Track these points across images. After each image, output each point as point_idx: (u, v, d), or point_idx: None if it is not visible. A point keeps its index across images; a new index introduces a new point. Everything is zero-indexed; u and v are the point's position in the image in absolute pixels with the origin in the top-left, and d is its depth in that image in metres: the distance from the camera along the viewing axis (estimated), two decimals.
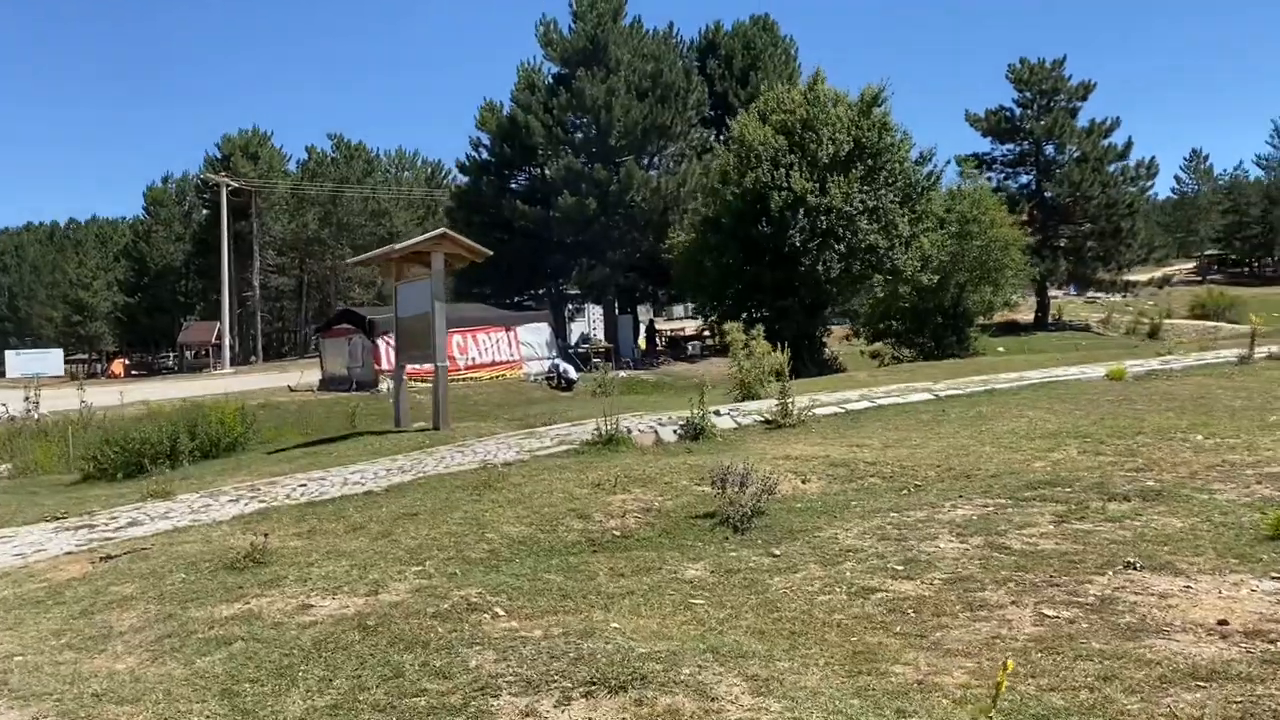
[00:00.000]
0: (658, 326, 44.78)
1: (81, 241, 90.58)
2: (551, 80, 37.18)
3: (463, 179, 41.18)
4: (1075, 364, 17.11)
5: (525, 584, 5.60)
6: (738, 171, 22.87)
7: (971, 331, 26.55)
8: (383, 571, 5.94)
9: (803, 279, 22.29)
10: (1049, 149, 46.57)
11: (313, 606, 5.42)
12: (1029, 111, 46.57)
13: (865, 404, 11.94)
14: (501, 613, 5.13)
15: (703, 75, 38.14)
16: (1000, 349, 29.30)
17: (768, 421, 10.87)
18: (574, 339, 38.97)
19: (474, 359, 30.84)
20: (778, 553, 6.04)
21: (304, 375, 32.49)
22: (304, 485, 9.26)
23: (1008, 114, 46.69)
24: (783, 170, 21.73)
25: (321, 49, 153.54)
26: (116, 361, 66.96)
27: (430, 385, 28.53)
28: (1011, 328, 40.29)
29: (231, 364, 58.00)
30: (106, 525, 8.27)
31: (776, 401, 11.00)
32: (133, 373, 64.18)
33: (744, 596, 5.23)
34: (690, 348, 38.90)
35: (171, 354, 77.03)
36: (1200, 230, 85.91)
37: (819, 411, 11.26)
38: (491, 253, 13.89)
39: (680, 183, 34.57)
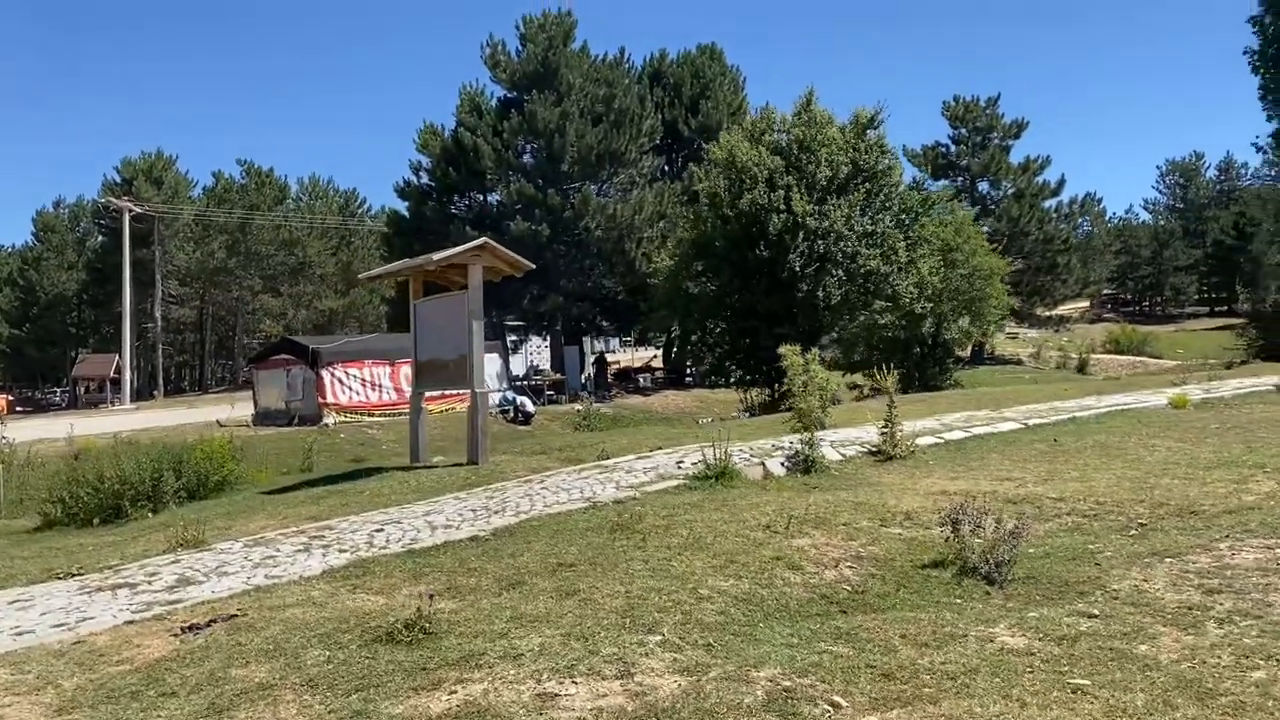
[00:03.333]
0: (610, 359, 43.62)
1: None
2: (499, 103, 35.91)
3: (400, 204, 39.42)
4: (1097, 394, 16.80)
5: (821, 658, 4.38)
6: (729, 194, 22.02)
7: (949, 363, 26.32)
8: (614, 643, 4.63)
9: (800, 305, 21.55)
10: (984, 185, 47.53)
11: (559, 696, 4.07)
12: (964, 148, 47.49)
13: (959, 434, 11.08)
14: (843, 703, 3.87)
15: (651, 103, 37.45)
16: (960, 382, 29.11)
17: (874, 452, 9.89)
18: (518, 371, 37.46)
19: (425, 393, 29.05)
20: (1095, 612, 4.95)
21: (234, 409, 30.07)
22: (380, 530, 7.82)
23: (944, 150, 47.52)
24: (780, 192, 20.99)
25: (231, 69, 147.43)
26: (0, 397, 61.97)
27: (438, 413, 27.50)
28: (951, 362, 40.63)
29: (132, 400, 54.19)
30: (149, 584, 6.68)
31: (879, 431, 10.02)
32: (17, 409, 59.42)
33: (1130, 674, 4.10)
34: (642, 379, 37.83)
35: (59, 389, 72.07)
36: (1095, 270, 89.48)
37: (920, 442, 10.32)
38: (534, 265, 12.55)
39: (635, 210, 33.66)
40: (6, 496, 14.83)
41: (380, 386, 28.04)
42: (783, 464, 9.38)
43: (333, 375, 26.94)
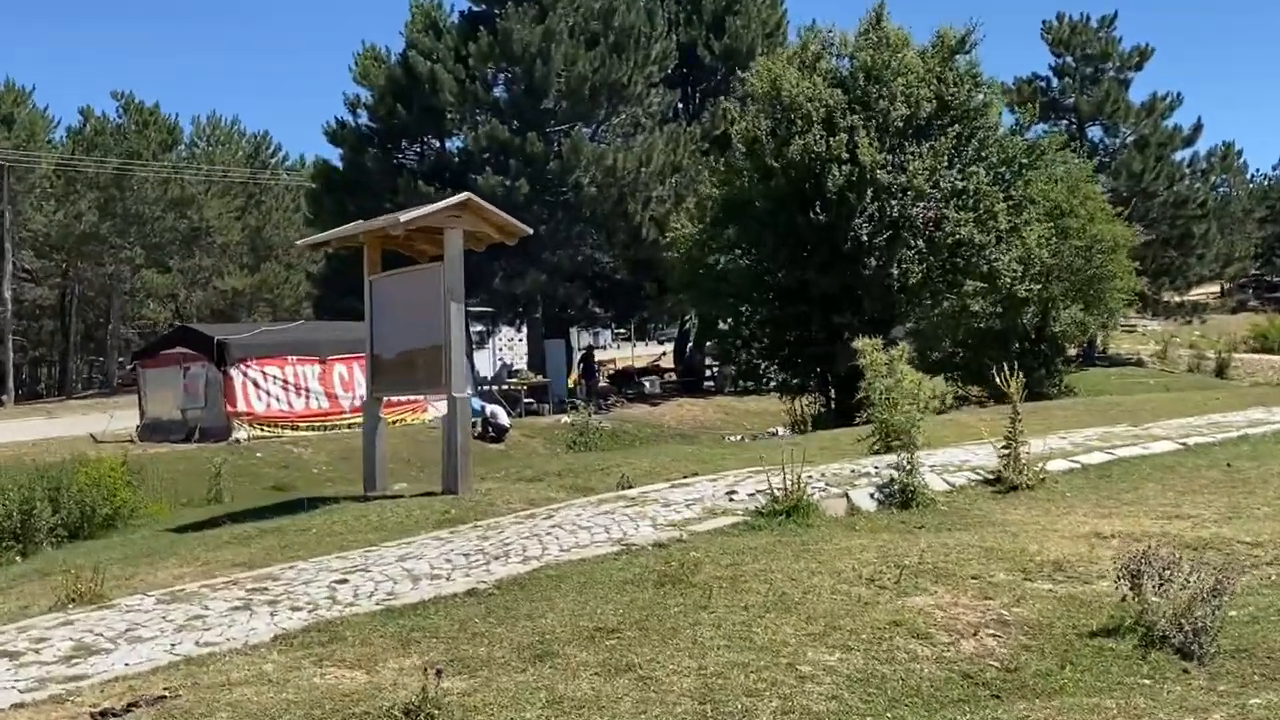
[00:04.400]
0: (597, 356, 43.46)
1: None
2: (463, 19, 35.63)
3: (331, 152, 39.21)
4: (1261, 405, 16.85)
5: None
6: (774, 138, 21.82)
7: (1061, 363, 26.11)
8: None
9: (867, 285, 21.36)
10: (1095, 130, 47.34)
11: None
12: (1070, 81, 47.22)
13: (1100, 455, 10.99)
14: None
15: (663, 20, 37.25)
16: (1073, 388, 29.00)
17: (990, 480, 9.79)
18: (485, 371, 37.29)
19: (362, 397, 28.85)
20: None
21: (113, 420, 29.84)
22: (343, 581, 7.71)
23: (1042, 84, 47.26)
24: (842, 136, 20.79)
25: None
26: None
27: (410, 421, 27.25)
28: (1061, 362, 40.42)
29: None
30: (38, 654, 6.52)
31: (998, 453, 9.89)
32: None
33: None
34: (648, 384, 37.67)
35: None
36: (1238, 244, 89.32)
37: (1049, 467, 10.22)
38: (530, 230, 12.40)
39: (641, 160, 33.44)
40: None
41: (307, 391, 27.85)
42: (872, 495, 9.27)
43: (245, 376, 26.72)
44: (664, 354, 48.59)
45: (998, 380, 10.81)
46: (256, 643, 6.28)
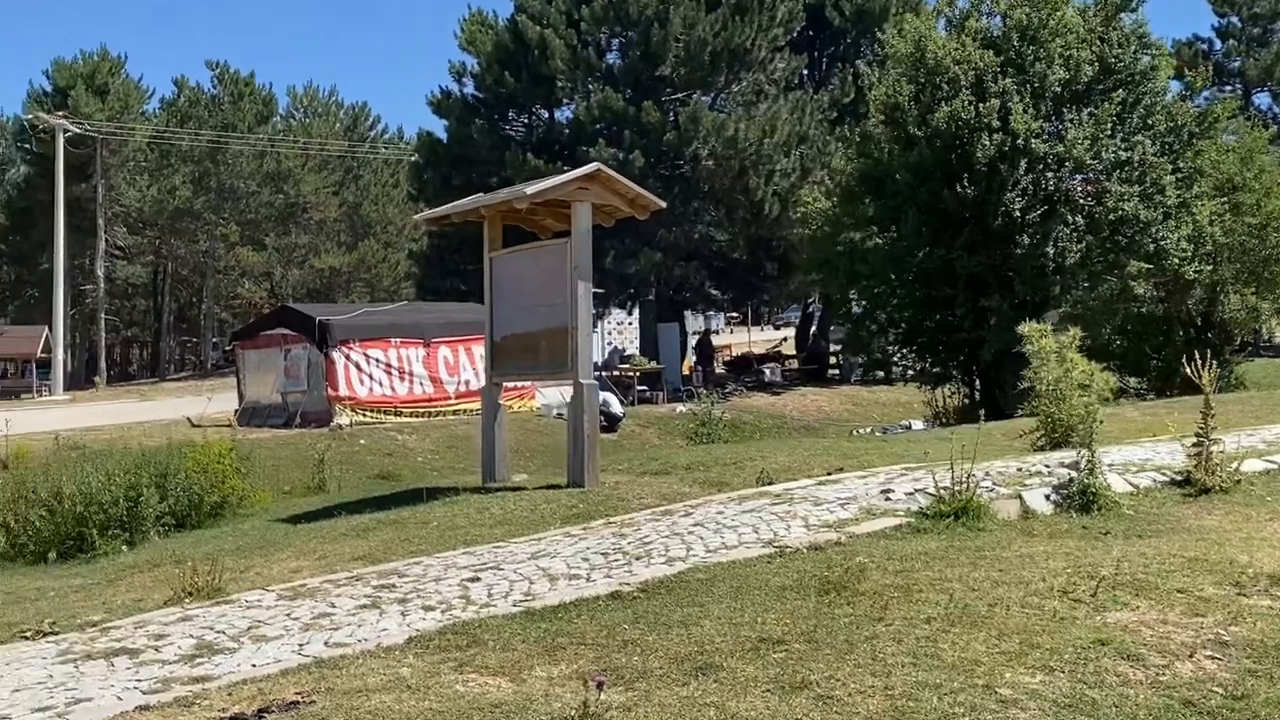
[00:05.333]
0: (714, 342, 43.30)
1: None
2: None
3: (436, 124, 39.70)
4: None
5: None
6: (917, 105, 21.39)
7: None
8: None
9: (1019, 266, 20.87)
10: (1262, 98, 45.70)
11: None
12: (1235, 44, 45.66)
13: None
14: None
15: None
16: (1243, 381, 27.94)
17: (1177, 481, 9.38)
18: (598, 356, 37.36)
19: (467, 382, 29.17)
20: None
21: (211, 403, 30.49)
22: (474, 579, 7.65)
23: (1204, 47, 45.77)
24: (994, 101, 20.30)
25: None
26: None
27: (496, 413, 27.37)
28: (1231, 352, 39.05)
29: (64, 388, 55.75)
30: (158, 652, 6.55)
31: (1186, 452, 9.48)
32: None
33: None
34: (768, 371, 37.40)
35: None
36: None
37: (1244, 468, 9.74)
38: (663, 204, 12.26)
39: (764, 130, 33.14)
40: None
41: (411, 375, 28.12)
42: (1047, 497, 8.92)
43: (348, 359, 27.06)
44: (784, 340, 48.28)
45: (1187, 371, 10.29)
46: (390, 645, 6.22)
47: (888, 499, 9.24)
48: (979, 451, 12.33)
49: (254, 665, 6.08)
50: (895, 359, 24.28)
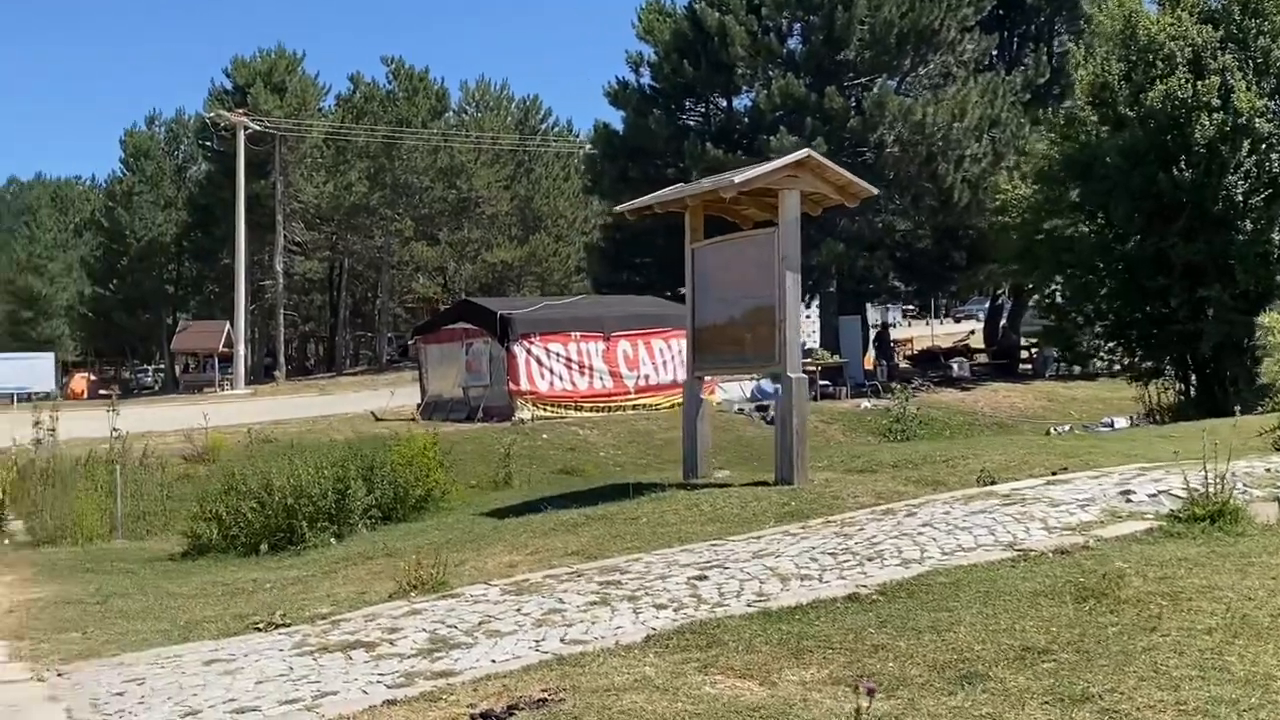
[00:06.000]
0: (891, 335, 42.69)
1: (31, 208, 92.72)
2: None
3: (613, 115, 39.98)
4: None
5: None
6: (1128, 85, 20.68)
7: None
8: None
9: (1240, 254, 20.03)
10: None
11: None
12: None
13: None
14: None
15: None
16: None
17: None
18: None
19: (647, 377, 29.25)
20: None
21: (392, 397, 31.27)
22: (701, 578, 7.64)
23: None
24: (1214, 79, 19.52)
25: None
26: (78, 376, 67.87)
27: (666, 408, 27.62)
28: None
29: (246, 383, 57.89)
30: (393, 645, 6.70)
31: None
32: (101, 392, 64.90)
33: None
34: (955, 366, 36.66)
35: (150, 367, 78.32)
36: None
37: None
38: (876, 190, 12.06)
39: (954, 114, 32.45)
40: (124, 509, 15.76)
41: (591, 369, 28.32)
42: None
43: (529, 353, 27.38)
44: (971, 333, 47.29)
45: None
46: (628, 643, 6.22)
47: (1129, 500, 8.89)
48: (1215, 451, 11.85)
49: (493, 661, 6.16)
50: (1101, 352, 23.52)
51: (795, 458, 11.09)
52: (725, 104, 37.04)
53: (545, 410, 27.10)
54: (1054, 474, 10.79)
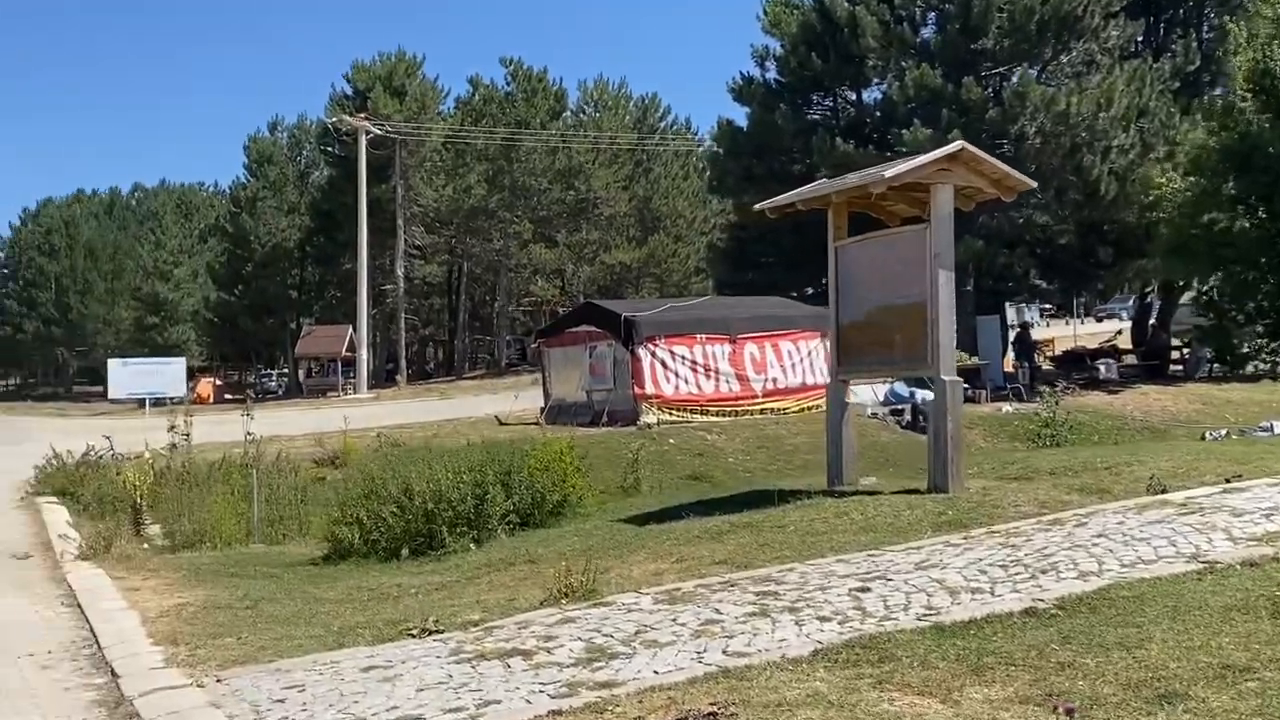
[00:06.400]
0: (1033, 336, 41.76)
1: (155, 214, 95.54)
2: None
3: (737, 112, 39.87)
4: None
5: None
6: None
7: None
8: None
9: None
10: None
11: None
12: None
13: None
14: None
15: None
16: None
17: None
18: None
19: (774, 380, 29.06)
20: None
21: (515, 401, 31.53)
22: (864, 589, 7.51)
23: None
24: None
25: None
26: (204, 381, 69.87)
27: (795, 411, 27.54)
28: None
29: (368, 386, 58.87)
30: (549, 653, 6.72)
31: None
32: (226, 397, 66.69)
33: None
34: (1102, 368, 35.74)
35: (274, 371, 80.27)
36: None
37: None
38: (1033, 183, 11.81)
39: (1099, 103, 31.64)
40: (259, 513, 16.05)
41: (717, 372, 28.20)
42: None
43: (654, 356, 27.36)
44: (1118, 333, 46.15)
45: None
46: (794, 656, 6.12)
47: None
48: None
49: (655, 672, 6.10)
50: (1264, 353, 22.74)
51: (950, 464, 10.88)
52: (855, 97, 36.67)
53: (670, 414, 27.04)
54: (1228, 481, 10.46)
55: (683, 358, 27.87)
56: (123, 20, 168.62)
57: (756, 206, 12.81)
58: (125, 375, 29.50)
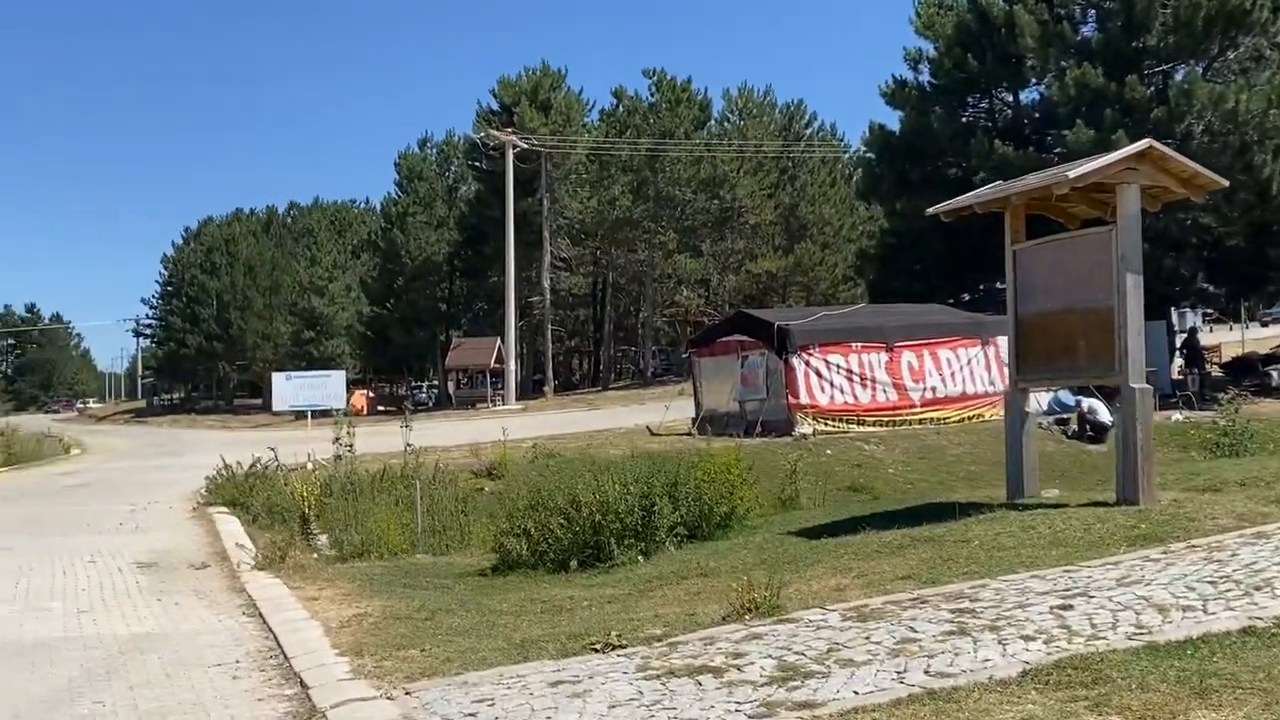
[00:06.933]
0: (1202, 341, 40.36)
1: (310, 231, 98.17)
2: None
3: (889, 115, 39.37)
4: None
5: None
6: None
7: None
8: None
9: None
10: None
11: None
12: None
13: None
14: None
15: None
16: None
17: None
18: None
19: (933, 389, 28.57)
20: None
21: (667, 411, 31.50)
22: (1065, 606, 7.23)
23: None
24: None
25: None
26: (358, 394, 71.34)
27: (954, 421, 27.13)
28: None
29: (516, 398, 59.52)
30: (740, 671, 6.52)
31: None
32: (379, 409, 68.07)
33: None
34: (1275, 374, 34.37)
35: (424, 384, 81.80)
36: None
37: None
38: (1226, 182, 11.34)
39: (1271, 99, 30.42)
40: (421, 523, 16.21)
41: (874, 382, 27.83)
42: None
43: (808, 365, 27.13)
44: None
45: None
46: (1003, 678, 5.86)
47: None
48: None
49: (855, 693, 5.90)
50: None
51: (1140, 475, 10.46)
52: (1012, 98, 35.99)
53: (826, 424, 26.79)
54: None
55: (838, 367, 27.57)
56: (275, 46, 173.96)
57: (929, 211, 12.48)
58: (288, 388, 30.24)
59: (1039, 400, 28.77)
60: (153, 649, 8.82)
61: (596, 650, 7.36)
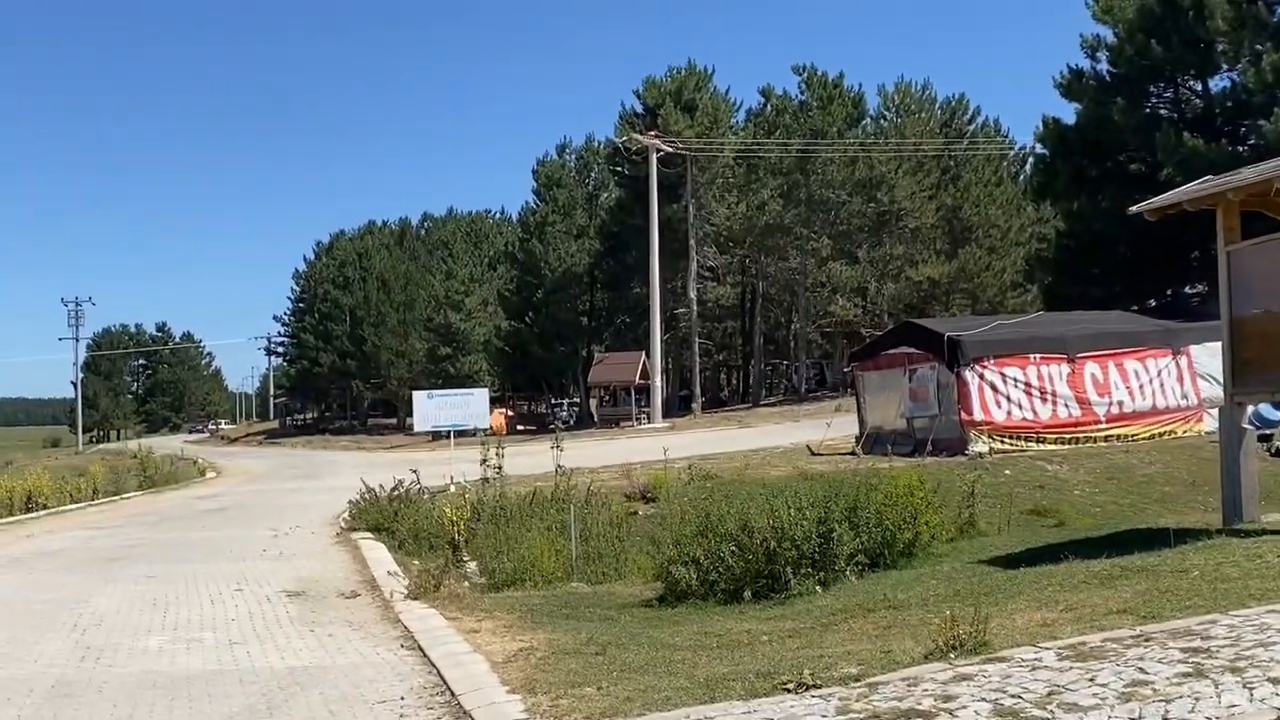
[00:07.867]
0: None
1: (445, 243, 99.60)
2: None
3: (1064, 109, 38.58)
4: None
5: None
6: None
7: None
8: None
9: None
10: None
11: None
12: None
13: None
14: None
15: None
16: None
17: None
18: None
19: (1120, 403, 27.81)
20: None
21: (829, 429, 31.16)
22: None
23: None
24: None
25: None
26: (496, 412, 71.96)
27: (1144, 438, 26.26)
28: None
29: (663, 415, 59.55)
30: (952, 715, 6.27)
31: None
32: (519, 428, 68.69)
33: None
34: None
35: (565, 401, 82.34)
36: None
37: None
38: None
39: None
40: (575, 550, 16.17)
41: (1054, 395, 27.20)
42: None
43: (981, 378, 26.63)
44: None
45: None
46: None
47: None
48: None
49: None
50: None
51: None
52: (1200, 87, 35.06)
53: (1002, 442, 26.28)
54: None
55: (1014, 380, 27.02)
56: (406, 56, 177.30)
57: (1132, 209, 12.07)
58: (430, 407, 30.45)
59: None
60: (312, 684, 8.88)
61: (789, 690, 7.19)
